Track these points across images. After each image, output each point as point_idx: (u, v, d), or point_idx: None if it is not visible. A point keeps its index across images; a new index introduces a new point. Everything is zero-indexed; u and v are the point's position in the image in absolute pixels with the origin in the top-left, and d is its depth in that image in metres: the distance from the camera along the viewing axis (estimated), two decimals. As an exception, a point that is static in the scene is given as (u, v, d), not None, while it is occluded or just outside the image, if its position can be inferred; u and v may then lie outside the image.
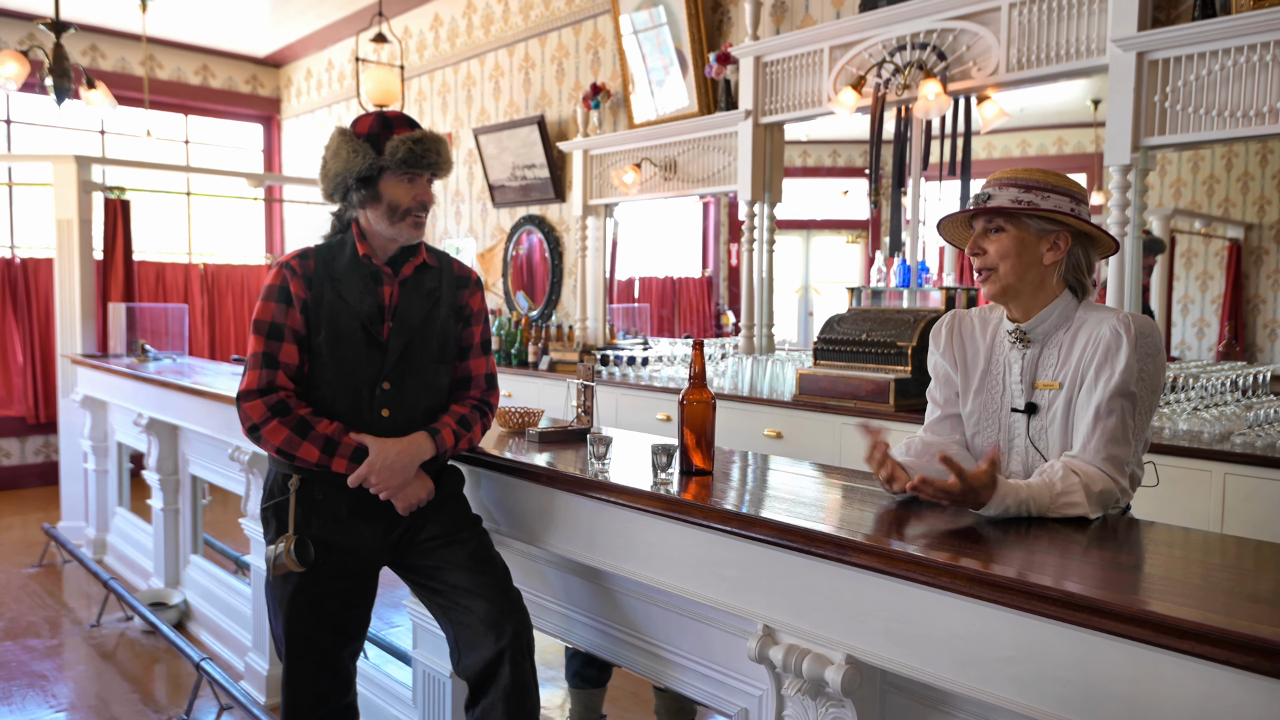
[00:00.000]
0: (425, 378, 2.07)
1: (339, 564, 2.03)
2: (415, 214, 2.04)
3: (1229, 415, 2.82)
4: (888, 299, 3.82)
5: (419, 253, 2.11)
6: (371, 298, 2.03)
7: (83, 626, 4.11)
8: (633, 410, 4.32)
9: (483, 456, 2.20)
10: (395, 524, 2.06)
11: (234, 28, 7.45)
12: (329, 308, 2.00)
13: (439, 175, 2.08)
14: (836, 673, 1.44)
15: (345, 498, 2.01)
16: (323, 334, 2.00)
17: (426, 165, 2.02)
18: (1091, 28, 3.17)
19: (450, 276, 2.16)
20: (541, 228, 5.89)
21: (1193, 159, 3.49)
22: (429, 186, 2.07)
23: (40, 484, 7.00)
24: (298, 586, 2.00)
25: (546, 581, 2.24)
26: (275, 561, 1.97)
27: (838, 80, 3.95)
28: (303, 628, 2.01)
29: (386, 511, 2.04)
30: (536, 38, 5.87)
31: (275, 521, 2.03)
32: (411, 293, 2.07)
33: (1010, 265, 1.72)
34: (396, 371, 2.02)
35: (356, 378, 2.00)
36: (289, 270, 2.02)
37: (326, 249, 2.07)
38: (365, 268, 2.04)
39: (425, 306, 2.08)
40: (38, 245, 7.08)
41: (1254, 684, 1.03)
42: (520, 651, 1.95)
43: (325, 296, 2.01)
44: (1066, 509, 1.55)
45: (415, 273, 2.10)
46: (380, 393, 2.01)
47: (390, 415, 2.02)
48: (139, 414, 4.31)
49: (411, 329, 2.05)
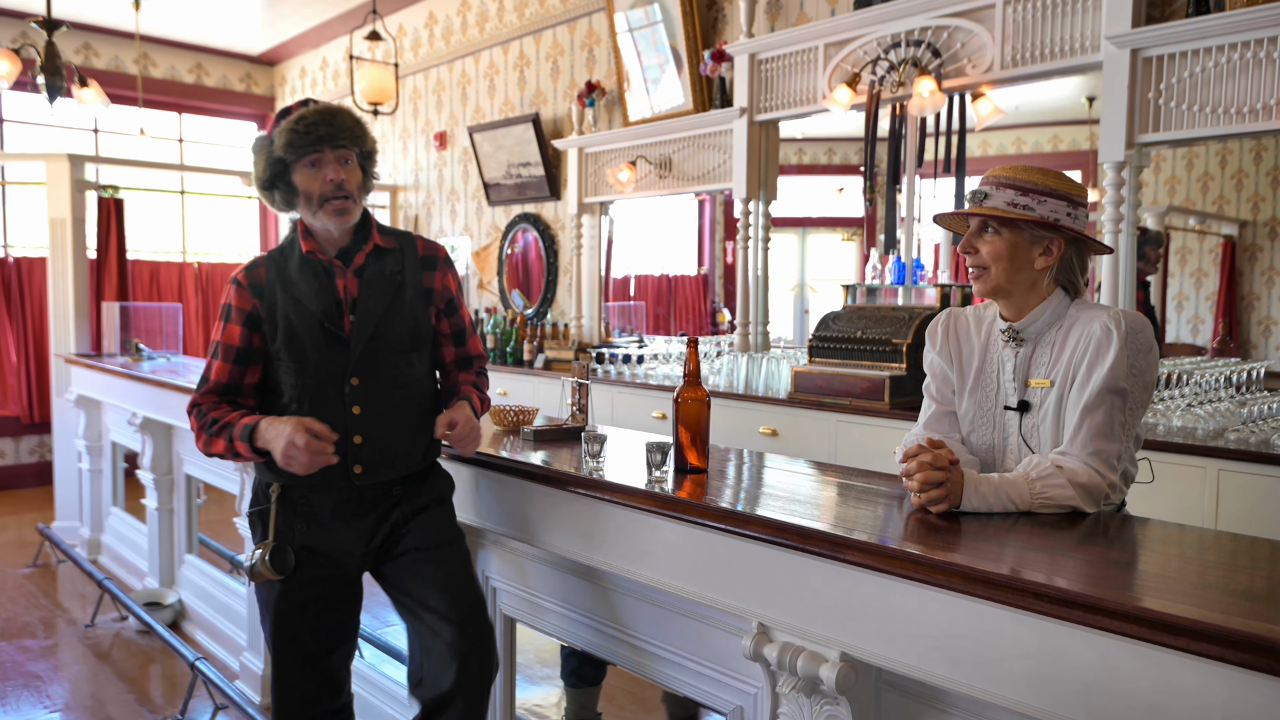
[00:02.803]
0: (396, 369, 1.99)
1: (322, 569, 1.99)
2: (332, 199, 1.90)
3: (1223, 412, 2.83)
4: (883, 296, 3.82)
5: (370, 238, 2.00)
6: (327, 294, 1.95)
7: (78, 627, 4.10)
8: (628, 408, 4.32)
9: (478, 455, 2.19)
10: (380, 525, 2.02)
11: (228, 26, 7.43)
12: (282, 311, 1.94)
13: (347, 148, 1.92)
14: (831, 670, 1.44)
15: (328, 500, 1.98)
16: (279, 339, 1.94)
17: (316, 143, 1.87)
18: (1086, 25, 3.17)
19: (414, 258, 2.04)
20: (537, 226, 5.89)
21: (1187, 156, 3.49)
22: (342, 165, 1.92)
23: (35, 484, 6.98)
24: (282, 592, 1.97)
25: (541, 580, 2.23)
26: (253, 570, 1.95)
27: (833, 78, 3.95)
28: (289, 631, 1.99)
29: (370, 513, 2.01)
30: (531, 36, 5.86)
31: (260, 527, 2.00)
32: (370, 282, 1.97)
33: (1002, 268, 1.72)
34: (363, 366, 1.95)
35: (320, 377, 1.93)
36: (234, 285, 1.98)
37: (279, 253, 2.00)
38: (315, 264, 1.96)
39: (388, 294, 1.98)
40: (31, 244, 7.06)
41: (1248, 680, 1.03)
42: (480, 690, 1.96)
43: (278, 302, 1.94)
44: (1047, 500, 1.55)
45: (370, 260, 1.99)
46: (350, 389, 1.94)
47: (362, 412, 1.95)
48: (133, 413, 4.29)
49: (374, 319, 1.96)
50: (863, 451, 3.29)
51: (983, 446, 1.81)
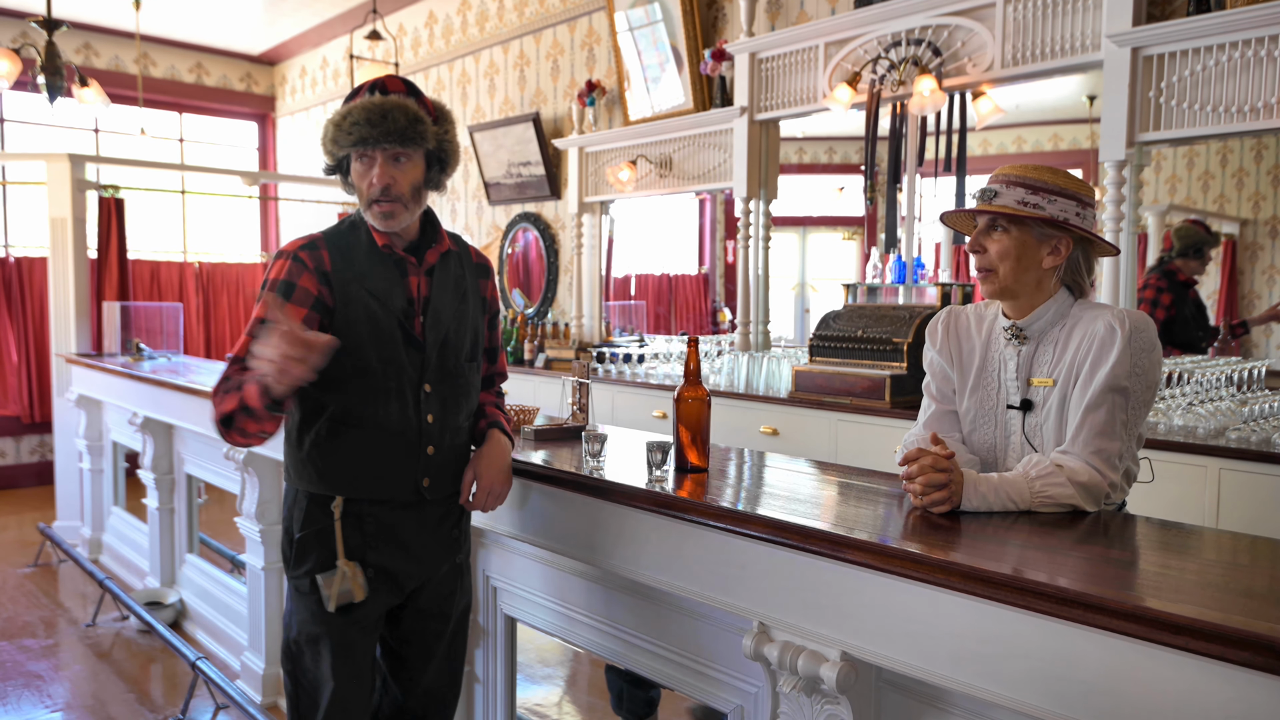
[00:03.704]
0: (463, 377, 1.88)
1: (387, 596, 1.87)
2: (378, 202, 1.74)
3: (1224, 410, 2.83)
4: (883, 295, 3.82)
5: (441, 239, 1.86)
6: (400, 290, 1.79)
7: (78, 626, 4.10)
8: (629, 408, 4.31)
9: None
10: (451, 545, 1.94)
11: (228, 26, 7.43)
12: (361, 304, 1.76)
13: (400, 146, 1.72)
14: (832, 670, 1.44)
15: (406, 518, 1.84)
16: (359, 335, 1.75)
17: (360, 143, 1.71)
18: (1086, 23, 3.17)
19: (470, 265, 1.93)
20: (537, 225, 5.88)
21: (1188, 155, 3.49)
22: (392, 165, 1.73)
23: (35, 483, 6.98)
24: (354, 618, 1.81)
25: (541, 579, 2.23)
26: (339, 591, 1.76)
27: (833, 77, 3.95)
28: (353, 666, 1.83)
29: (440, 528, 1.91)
30: (531, 35, 5.86)
31: (317, 549, 1.80)
32: (440, 284, 1.85)
33: (1010, 267, 1.71)
34: (437, 372, 1.82)
35: (400, 381, 1.78)
36: (295, 262, 1.74)
37: (337, 237, 1.81)
38: (388, 257, 1.80)
39: (455, 299, 1.87)
40: (32, 244, 7.06)
41: (1248, 680, 1.03)
42: None
43: (352, 292, 1.76)
44: (1047, 499, 1.56)
45: (441, 261, 1.86)
46: (424, 396, 1.81)
47: (435, 421, 1.82)
48: (134, 413, 4.29)
49: (445, 324, 1.84)
50: (863, 451, 3.29)
51: (984, 445, 1.81)
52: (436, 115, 1.81)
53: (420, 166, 1.78)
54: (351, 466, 1.78)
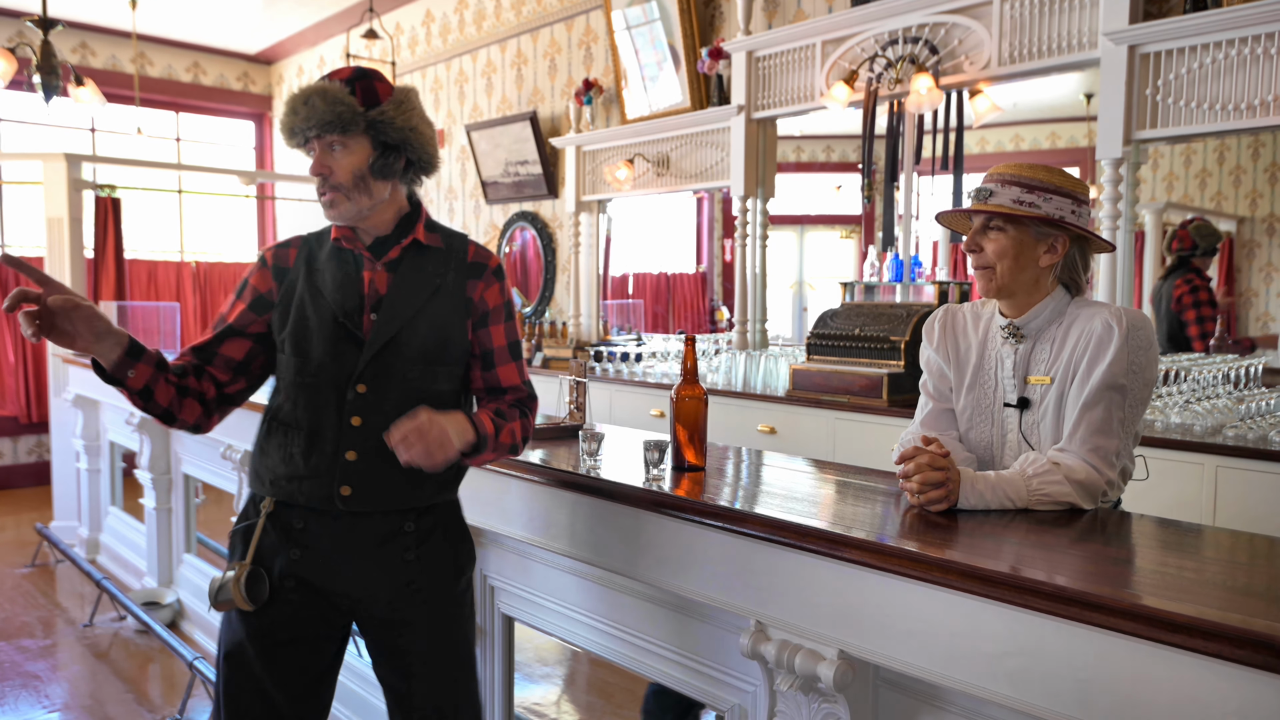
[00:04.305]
0: (414, 382, 1.71)
1: (309, 607, 1.73)
2: (321, 192, 1.69)
3: (1221, 408, 2.83)
4: (881, 294, 3.82)
5: (411, 231, 1.76)
6: (350, 287, 1.72)
7: (76, 626, 4.10)
8: (626, 407, 4.31)
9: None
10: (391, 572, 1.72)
11: (225, 25, 7.41)
12: (299, 299, 1.73)
13: (325, 134, 1.65)
14: (829, 669, 1.44)
15: (324, 527, 1.70)
16: (286, 329, 1.72)
17: (288, 132, 1.68)
18: (1083, 21, 3.17)
19: (460, 263, 1.78)
20: (535, 224, 5.88)
21: (1185, 152, 3.49)
22: (329, 153, 1.67)
23: (33, 484, 6.98)
24: (251, 629, 1.70)
25: (539, 578, 2.23)
26: (219, 593, 1.67)
27: (830, 75, 3.95)
28: (244, 678, 1.71)
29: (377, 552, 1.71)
30: (529, 33, 5.85)
31: (240, 547, 1.74)
32: (403, 280, 1.73)
33: (1007, 266, 1.71)
34: (374, 372, 1.69)
35: (321, 378, 1.69)
36: (259, 262, 1.79)
37: (315, 237, 1.80)
38: (344, 253, 1.75)
39: (420, 297, 1.72)
40: (28, 244, 7.04)
41: (1246, 677, 1.03)
42: None
43: (297, 287, 1.74)
44: (1044, 497, 1.56)
45: (406, 255, 1.74)
46: (353, 397, 1.68)
47: (362, 424, 1.67)
48: (131, 413, 4.29)
49: (398, 322, 1.70)
50: (861, 449, 3.29)
51: (981, 443, 1.81)
52: (392, 99, 1.70)
53: (361, 153, 1.68)
54: (274, 466, 1.72)
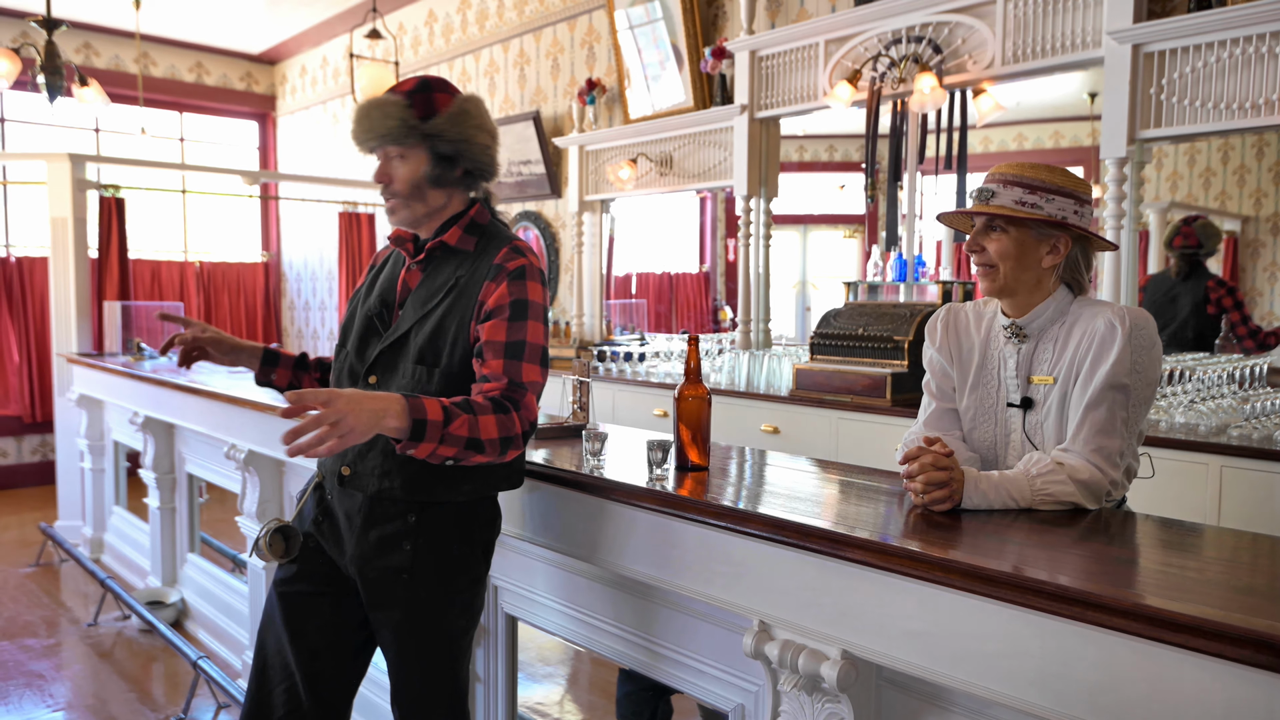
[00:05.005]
0: (410, 381, 1.76)
1: (328, 568, 1.87)
2: (384, 197, 1.83)
3: (1226, 408, 2.82)
4: (884, 293, 3.82)
5: (444, 232, 1.82)
6: (391, 285, 1.86)
7: (80, 626, 4.11)
8: (629, 406, 4.31)
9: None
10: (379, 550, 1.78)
11: (228, 25, 7.43)
12: (361, 293, 1.93)
13: (385, 145, 1.77)
14: (832, 668, 1.44)
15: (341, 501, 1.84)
16: (344, 319, 1.93)
17: (356, 142, 1.82)
18: (1087, 20, 3.17)
19: (483, 266, 1.78)
20: (538, 224, 5.88)
21: (1189, 152, 3.48)
22: (389, 162, 1.79)
23: (37, 483, 6.99)
24: (279, 578, 1.88)
25: (542, 577, 2.23)
26: (254, 546, 1.86)
27: (833, 74, 3.94)
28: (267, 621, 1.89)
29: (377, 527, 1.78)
30: (531, 33, 5.86)
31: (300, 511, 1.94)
32: (429, 279, 1.81)
33: (1009, 266, 1.71)
34: (382, 365, 1.80)
35: (348, 366, 1.85)
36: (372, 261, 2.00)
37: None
38: (397, 252, 1.92)
39: (434, 298, 1.78)
40: (32, 244, 7.06)
41: (1249, 677, 1.03)
42: None
43: (367, 283, 1.94)
44: (1047, 497, 1.55)
45: (434, 256, 1.82)
46: (366, 387, 1.80)
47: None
48: (135, 412, 4.30)
49: (409, 321, 1.78)
50: (864, 449, 3.29)
51: (984, 443, 1.81)
52: (448, 112, 1.78)
53: (418, 163, 1.78)
54: None
